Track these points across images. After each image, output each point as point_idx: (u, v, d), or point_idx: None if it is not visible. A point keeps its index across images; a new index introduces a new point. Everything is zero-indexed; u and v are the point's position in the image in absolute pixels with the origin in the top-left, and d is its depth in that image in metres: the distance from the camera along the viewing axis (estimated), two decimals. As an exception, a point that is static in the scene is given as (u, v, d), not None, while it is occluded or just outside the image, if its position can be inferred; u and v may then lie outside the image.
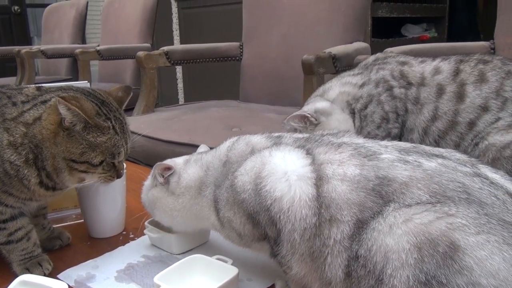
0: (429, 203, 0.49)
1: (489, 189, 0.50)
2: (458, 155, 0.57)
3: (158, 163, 0.77)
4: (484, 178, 0.51)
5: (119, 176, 0.77)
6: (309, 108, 1.14)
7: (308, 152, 0.60)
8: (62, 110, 0.68)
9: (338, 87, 1.17)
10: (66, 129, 0.69)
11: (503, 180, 0.52)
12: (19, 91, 0.76)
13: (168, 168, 0.76)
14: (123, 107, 0.80)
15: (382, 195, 0.52)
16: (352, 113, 1.13)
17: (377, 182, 0.52)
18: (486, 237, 0.45)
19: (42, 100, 0.73)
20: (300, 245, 0.57)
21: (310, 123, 1.11)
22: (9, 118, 0.71)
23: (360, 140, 0.61)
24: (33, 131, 0.70)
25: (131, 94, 0.83)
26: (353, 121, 1.13)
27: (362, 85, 1.13)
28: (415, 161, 0.54)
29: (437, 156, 0.55)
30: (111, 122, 0.72)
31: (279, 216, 0.58)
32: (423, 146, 0.59)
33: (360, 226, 0.52)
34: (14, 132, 0.71)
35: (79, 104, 0.69)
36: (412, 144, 0.59)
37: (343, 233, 0.53)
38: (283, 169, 0.59)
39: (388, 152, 0.56)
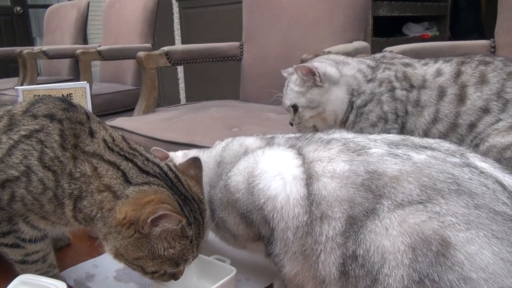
0: (421, 203, 0.49)
1: (479, 178, 0.50)
2: (447, 145, 0.57)
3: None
4: (474, 167, 0.52)
5: (175, 279, 0.63)
6: (321, 66, 1.11)
7: (299, 152, 0.61)
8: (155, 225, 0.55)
9: (355, 69, 1.13)
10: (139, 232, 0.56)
11: (492, 169, 0.53)
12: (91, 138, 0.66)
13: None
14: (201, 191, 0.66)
15: (372, 189, 0.52)
16: (350, 105, 1.12)
17: (367, 177, 0.53)
18: (475, 233, 0.46)
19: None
20: (293, 243, 0.57)
21: (313, 81, 1.10)
22: (88, 151, 0.64)
23: (350, 135, 0.62)
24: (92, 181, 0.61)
25: (202, 165, 0.70)
26: (349, 114, 1.12)
27: (369, 80, 1.12)
28: (405, 154, 0.54)
29: (426, 148, 0.55)
30: (191, 229, 0.59)
31: (273, 215, 0.58)
32: (412, 138, 0.59)
33: (352, 222, 0.52)
34: (80, 165, 0.63)
35: (174, 213, 0.55)
36: (401, 137, 0.59)
37: (335, 229, 0.53)
38: (277, 168, 0.59)
39: (377, 146, 0.56)
